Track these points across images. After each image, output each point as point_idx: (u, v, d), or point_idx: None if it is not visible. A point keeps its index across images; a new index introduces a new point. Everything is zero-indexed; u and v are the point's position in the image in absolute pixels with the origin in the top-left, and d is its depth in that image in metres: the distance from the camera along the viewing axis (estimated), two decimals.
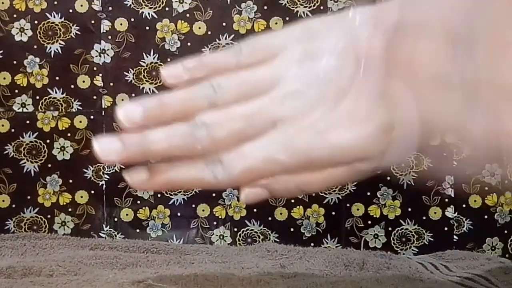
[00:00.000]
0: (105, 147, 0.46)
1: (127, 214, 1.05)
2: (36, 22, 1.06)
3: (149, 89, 1.06)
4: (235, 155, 0.43)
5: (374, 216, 1.04)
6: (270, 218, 1.05)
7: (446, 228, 1.03)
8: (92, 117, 1.06)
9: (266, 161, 0.43)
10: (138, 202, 1.06)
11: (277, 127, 0.43)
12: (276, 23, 1.07)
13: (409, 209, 1.04)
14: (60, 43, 1.06)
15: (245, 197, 0.45)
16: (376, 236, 1.04)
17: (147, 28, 1.07)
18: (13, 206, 1.04)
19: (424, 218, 1.03)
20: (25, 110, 1.05)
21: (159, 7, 1.07)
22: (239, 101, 0.44)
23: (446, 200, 1.03)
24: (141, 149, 0.45)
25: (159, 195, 1.05)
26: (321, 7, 1.06)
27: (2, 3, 1.05)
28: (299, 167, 0.43)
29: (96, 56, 1.06)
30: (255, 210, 1.05)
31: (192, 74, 0.46)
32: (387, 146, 0.42)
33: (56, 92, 1.05)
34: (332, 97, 0.42)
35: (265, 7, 1.07)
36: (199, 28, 1.07)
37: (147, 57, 1.07)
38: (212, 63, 0.47)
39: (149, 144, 0.45)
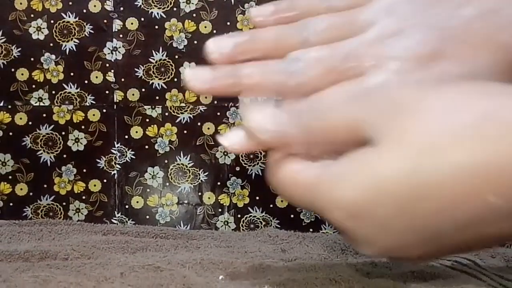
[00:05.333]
0: (196, 74, 0.41)
1: (137, 202, 1.05)
2: (52, 21, 1.06)
3: (158, 84, 1.06)
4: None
5: None
6: (271, 205, 1.05)
7: None
8: (104, 110, 1.05)
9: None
10: (148, 190, 1.05)
11: (375, 67, 0.37)
12: None
13: None
14: (74, 41, 1.06)
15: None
16: None
17: (156, 27, 1.06)
18: (31, 194, 1.04)
19: None
20: (41, 104, 1.05)
21: (167, 7, 1.06)
22: (333, 41, 0.39)
23: None
24: (232, 81, 0.40)
25: (167, 184, 1.05)
26: None
27: (20, 3, 1.05)
28: None
29: (108, 53, 1.06)
30: (257, 198, 1.05)
31: (281, 14, 0.43)
32: None
33: (71, 87, 1.05)
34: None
35: None
36: (205, 27, 1.06)
37: (156, 54, 1.06)
38: (303, 6, 0.43)
39: (241, 77, 0.40)
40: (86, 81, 1.05)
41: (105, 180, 1.05)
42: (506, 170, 0.28)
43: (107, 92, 1.06)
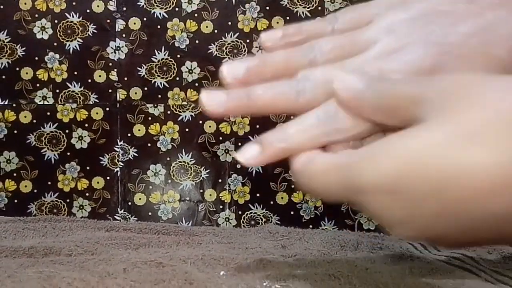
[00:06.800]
0: (211, 97, 0.42)
1: (140, 199, 1.05)
2: (56, 21, 1.06)
3: (160, 83, 1.06)
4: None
5: None
6: (272, 202, 1.05)
7: None
8: (107, 109, 1.05)
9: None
10: (150, 187, 1.06)
11: None
12: (278, 22, 1.06)
13: None
14: (78, 41, 1.06)
15: None
16: (369, 218, 1.03)
17: (159, 27, 1.06)
18: (35, 191, 1.04)
19: None
20: (46, 102, 1.05)
21: (169, 7, 1.06)
22: (338, 60, 0.41)
23: None
24: (246, 102, 0.41)
25: (169, 181, 1.05)
26: (319, 8, 1.06)
27: (25, 3, 1.05)
28: None
29: (112, 52, 1.06)
30: (258, 194, 1.05)
31: (289, 38, 0.44)
32: None
33: (74, 86, 1.05)
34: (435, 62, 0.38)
35: (267, 8, 1.06)
36: (207, 27, 1.06)
37: (158, 53, 1.06)
38: (309, 30, 0.44)
39: (253, 97, 0.41)
40: (89, 80, 1.05)
41: (108, 178, 1.05)
42: None
43: (110, 90, 1.06)
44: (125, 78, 1.06)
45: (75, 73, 1.05)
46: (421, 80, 0.35)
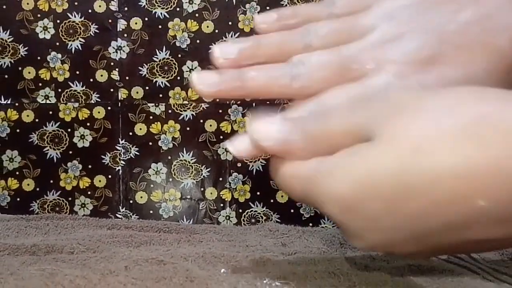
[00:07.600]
0: (203, 78, 0.41)
1: (141, 197, 1.05)
2: (58, 21, 1.05)
3: (162, 82, 1.06)
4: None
5: None
6: (272, 200, 1.05)
7: None
8: (109, 108, 1.05)
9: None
10: (152, 186, 1.05)
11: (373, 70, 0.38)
12: None
13: None
14: (80, 41, 1.06)
15: None
16: None
17: (160, 26, 1.06)
18: (37, 189, 1.04)
19: None
20: (48, 101, 1.04)
21: (170, 7, 1.06)
22: (334, 45, 0.39)
23: None
24: (238, 84, 0.40)
25: (170, 179, 1.05)
26: None
27: (27, 3, 1.05)
28: None
29: (113, 52, 1.06)
30: (258, 193, 1.05)
31: (284, 21, 0.43)
32: None
33: (76, 85, 1.05)
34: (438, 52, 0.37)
35: (268, 8, 1.06)
36: (207, 26, 1.06)
37: (160, 53, 1.06)
38: (305, 13, 0.43)
39: (246, 80, 0.40)
40: (91, 79, 1.05)
41: (109, 176, 1.05)
42: (497, 174, 0.27)
43: (112, 90, 1.06)
44: (127, 78, 1.06)
45: (77, 72, 1.05)
46: (356, 107, 0.34)
